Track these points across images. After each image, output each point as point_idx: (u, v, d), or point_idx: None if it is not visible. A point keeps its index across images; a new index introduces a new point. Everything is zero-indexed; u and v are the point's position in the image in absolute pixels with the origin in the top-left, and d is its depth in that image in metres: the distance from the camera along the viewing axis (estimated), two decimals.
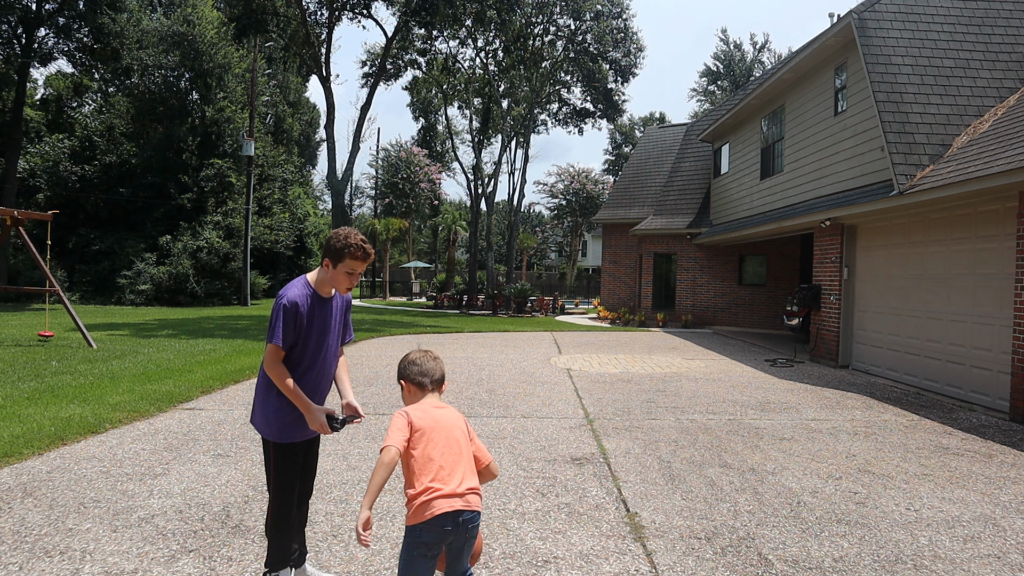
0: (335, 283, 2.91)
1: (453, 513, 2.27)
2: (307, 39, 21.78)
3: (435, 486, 2.28)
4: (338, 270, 2.86)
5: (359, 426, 6.22)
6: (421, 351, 2.66)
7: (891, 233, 10.07)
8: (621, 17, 28.94)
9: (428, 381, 2.56)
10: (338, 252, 2.82)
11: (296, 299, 2.82)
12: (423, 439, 2.36)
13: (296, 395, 2.81)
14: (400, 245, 52.88)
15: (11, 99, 27.08)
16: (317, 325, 2.90)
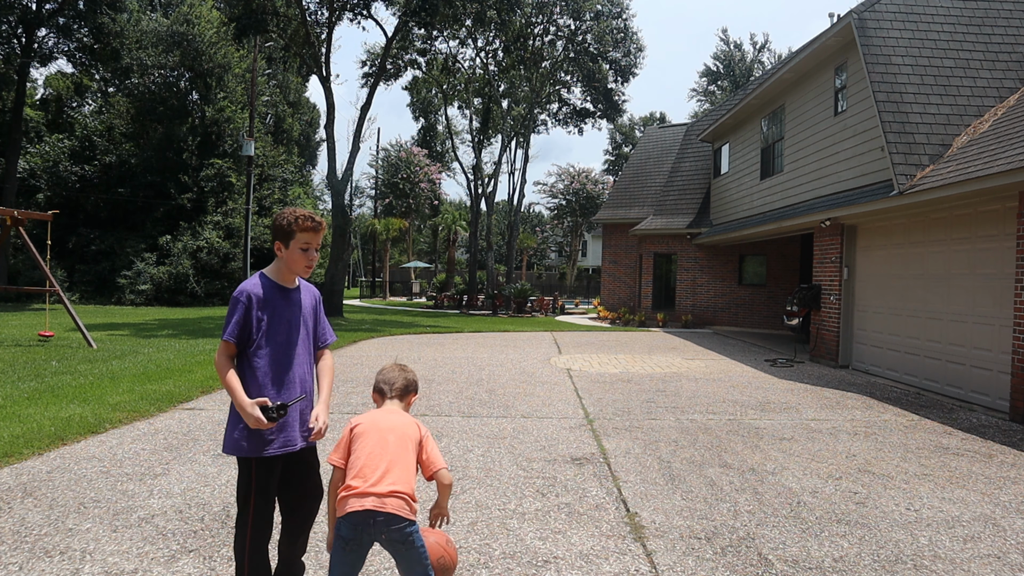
0: (292, 264, 2.76)
1: (363, 512, 2.32)
2: (307, 39, 21.77)
3: (352, 484, 2.37)
4: (292, 249, 2.73)
5: None
6: (394, 364, 2.81)
7: (891, 233, 10.07)
8: (621, 17, 28.94)
9: (388, 389, 2.71)
10: (287, 230, 2.71)
11: (251, 290, 2.67)
12: (357, 441, 2.48)
13: (232, 389, 2.58)
14: (400, 245, 52.91)
15: (11, 99, 27.08)
16: (282, 319, 2.73)
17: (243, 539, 2.66)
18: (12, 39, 26.49)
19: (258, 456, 2.62)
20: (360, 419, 2.56)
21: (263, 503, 2.66)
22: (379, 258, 44.33)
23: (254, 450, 2.62)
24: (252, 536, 2.66)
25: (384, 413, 2.61)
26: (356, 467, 2.42)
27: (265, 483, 2.65)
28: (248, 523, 2.65)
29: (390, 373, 2.74)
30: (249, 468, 2.64)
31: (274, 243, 2.77)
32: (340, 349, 12.57)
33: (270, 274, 2.80)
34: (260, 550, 2.69)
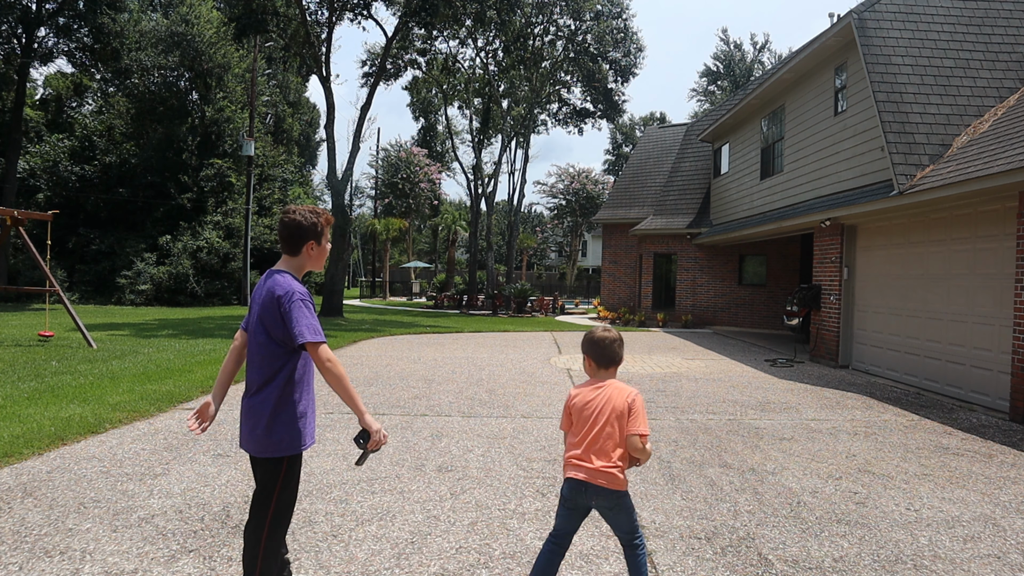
0: (320, 259, 2.82)
1: (575, 480, 2.69)
2: (307, 39, 21.77)
3: (570, 454, 2.74)
4: (323, 245, 2.80)
5: (359, 426, 6.22)
6: (605, 329, 2.85)
7: (891, 233, 10.07)
8: (621, 17, 28.95)
9: (602, 360, 2.81)
10: (318, 227, 2.75)
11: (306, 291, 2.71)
12: (573, 415, 2.78)
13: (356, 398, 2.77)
14: (400, 245, 52.90)
15: (11, 99, 27.07)
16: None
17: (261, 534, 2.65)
18: (12, 39, 26.49)
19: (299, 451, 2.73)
20: (573, 393, 2.81)
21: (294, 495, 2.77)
22: (379, 258, 44.32)
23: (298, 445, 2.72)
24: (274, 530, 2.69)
25: (596, 390, 2.76)
26: (571, 441, 2.77)
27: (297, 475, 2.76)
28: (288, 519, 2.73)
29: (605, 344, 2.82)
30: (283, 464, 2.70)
31: (304, 243, 2.75)
32: (340, 349, 12.57)
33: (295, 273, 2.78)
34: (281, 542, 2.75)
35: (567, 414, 2.81)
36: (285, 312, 2.60)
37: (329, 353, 2.62)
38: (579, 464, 2.68)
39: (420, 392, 8.09)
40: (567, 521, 2.75)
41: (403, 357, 11.50)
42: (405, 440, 5.75)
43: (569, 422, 2.79)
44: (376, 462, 5.06)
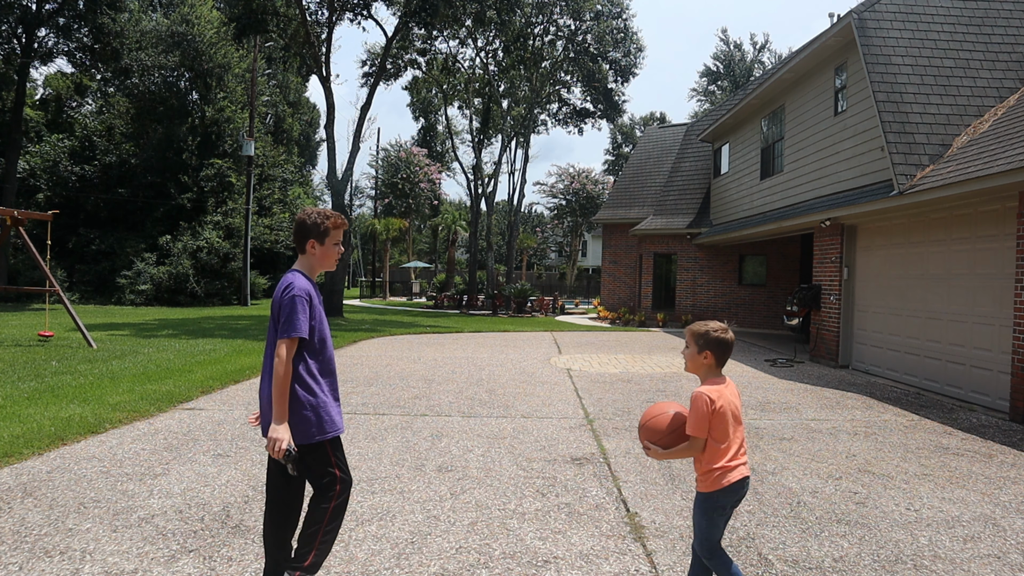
0: (326, 260, 2.87)
1: (747, 478, 2.66)
2: (307, 39, 21.76)
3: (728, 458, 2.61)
4: (326, 245, 2.86)
5: (359, 426, 6.22)
6: (720, 324, 2.73)
7: (891, 233, 10.07)
8: (621, 17, 28.95)
9: (725, 358, 2.71)
10: (321, 228, 2.82)
11: (308, 288, 2.74)
12: (716, 420, 2.60)
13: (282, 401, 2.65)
14: (400, 245, 52.92)
15: (11, 99, 27.07)
16: (321, 316, 2.84)
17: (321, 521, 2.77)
18: (12, 39, 26.49)
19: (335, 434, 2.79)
20: (714, 395, 2.60)
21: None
22: (379, 258, 44.33)
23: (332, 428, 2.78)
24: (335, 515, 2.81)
25: (726, 387, 2.67)
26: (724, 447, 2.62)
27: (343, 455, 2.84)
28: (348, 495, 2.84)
29: (729, 337, 2.71)
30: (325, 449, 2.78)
31: (306, 242, 2.84)
32: (340, 349, 12.57)
33: (308, 273, 2.86)
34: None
35: (708, 419, 2.59)
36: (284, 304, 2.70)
37: (283, 351, 2.64)
38: (744, 463, 2.64)
39: (420, 392, 8.09)
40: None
41: (403, 357, 11.50)
42: (405, 440, 5.75)
43: (708, 427, 2.60)
44: (376, 462, 5.06)
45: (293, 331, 2.64)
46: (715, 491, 2.61)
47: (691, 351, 2.71)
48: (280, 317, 2.70)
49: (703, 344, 2.67)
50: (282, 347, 2.64)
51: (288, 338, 2.65)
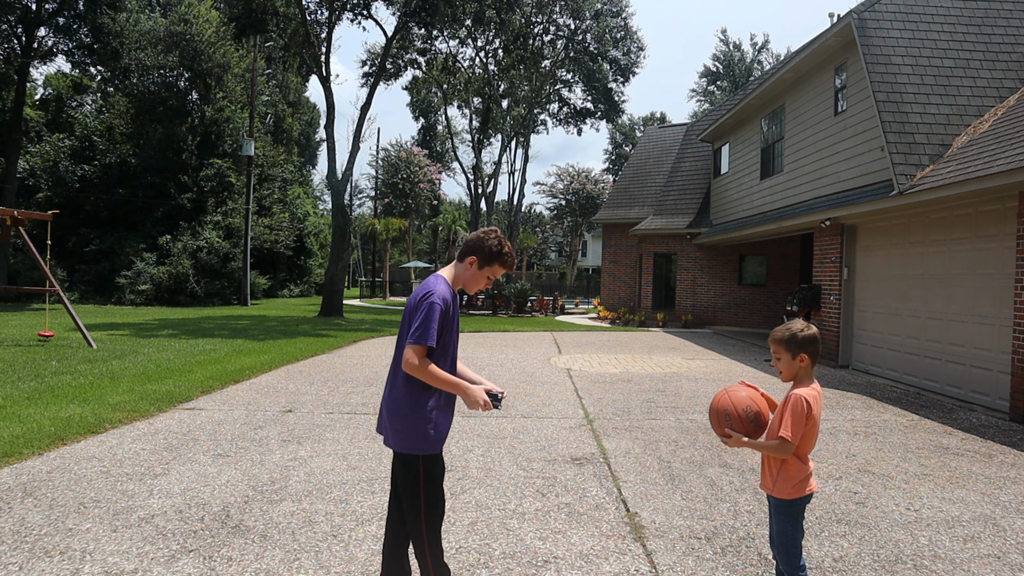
0: (472, 283, 2.83)
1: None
2: (307, 39, 21.76)
3: (809, 467, 2.59)
4: (483, 272, 2.81)
5: (360, 426, 6.23)
6: (799, 322, 2.63)
7: (891, 233, 10.07)
8: (621, 16, 28.95)
9: (818, 352, 2.61)
10: (492, 255, 2.79)
11: (447, 296, 2.68)
12: (812, 424, 2.52)
13: (454, 382, 2.65)
14: (400, 245, 52.91)
15: (11, 99, 27.06)
16: (454, 323, 2.80)
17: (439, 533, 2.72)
18: (12, 38, 26.49)
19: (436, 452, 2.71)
20: (811, 400, 2.51)
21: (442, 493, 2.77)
22: (379, 258, 44.32)
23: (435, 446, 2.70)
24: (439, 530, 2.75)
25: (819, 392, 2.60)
26: (809, 451, 2.58)
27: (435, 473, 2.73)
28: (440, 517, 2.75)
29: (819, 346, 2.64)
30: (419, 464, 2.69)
31: (468, 255, 2.81)
32: (340, 349, 12.57)
33: (451, 281, 2.81)
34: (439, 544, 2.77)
35: (804, 423, 2.48)
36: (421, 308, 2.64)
37: (419, 354, 2.59)
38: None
39: None
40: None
41: None
42: None
43: (802, 432, 2.48)
44: (376, 462, 5.06)
45: (421, 339, 2.58)
46: (801, 497, 2.56)
47: (785, 359, 2.59)
48: (413, 322, 2.63)
49: (796, 347, 2.56)
50: (410, 351, 2.58)
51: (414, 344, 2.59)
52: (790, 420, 2.46)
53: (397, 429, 2.68)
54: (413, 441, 2.66)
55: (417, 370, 2.59)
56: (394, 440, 2.69)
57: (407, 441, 2.66)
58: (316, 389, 8.16)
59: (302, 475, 4.70)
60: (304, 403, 7.28)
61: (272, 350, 11.62)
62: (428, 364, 2.60)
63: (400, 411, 2.67)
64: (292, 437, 5.77)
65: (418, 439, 2.65)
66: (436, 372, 2.62)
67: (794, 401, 2.48)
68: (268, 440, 5.65)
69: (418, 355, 2.58)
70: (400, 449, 2.68)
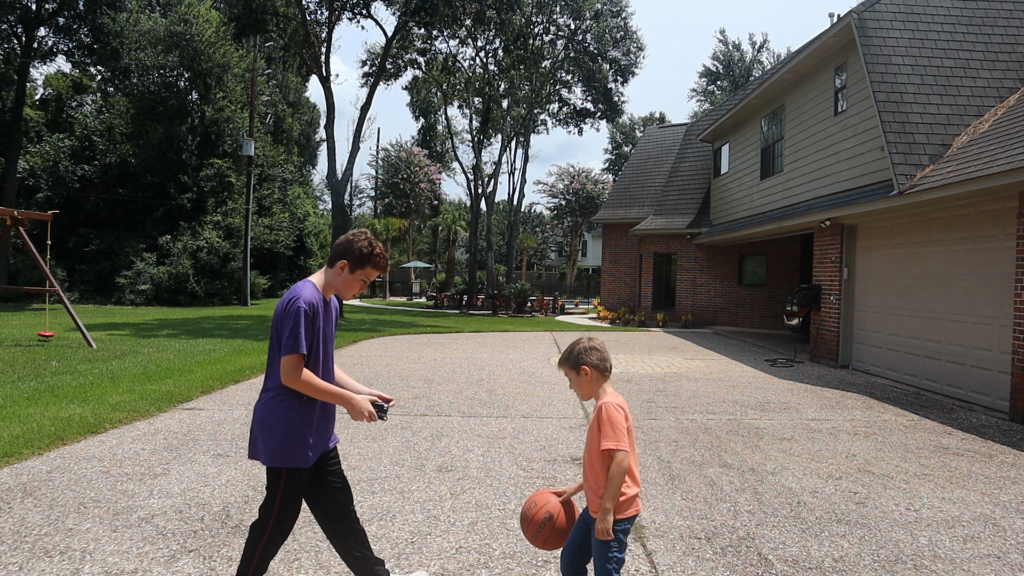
0: (345, 288, 2.75)
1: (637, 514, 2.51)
2: (307, 39, 21.75)
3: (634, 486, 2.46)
4: (355, 275, 2.73)
5: (359, 426, 6.22)
6: (589, 338, 2.60)
7: (891, 233, 10.07)
8: (621, 16, 28.93)
9: (608, 368, 2.54)
10: (362, 258, 2.70)
11: (313, 301, 2.61)
12: (630, 434, 2.42)
13: (335, 392, 2.60)
14: (400, 245, 52.88)
15: (11, 99, 27.06)
16: (324, 331, 2.71)
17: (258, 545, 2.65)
18: (12, 39, 26.48)
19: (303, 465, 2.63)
20: (625, 408, 2.44)
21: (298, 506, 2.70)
22: None
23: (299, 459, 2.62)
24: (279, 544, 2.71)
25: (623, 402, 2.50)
26: (634, 469, 2.45)
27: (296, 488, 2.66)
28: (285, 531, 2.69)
29: (605, 351, 2.56)
30: (281, 477, 2.62)
31: (338, 260, 2.72)
32: (340, 349, 12.57)
33: (320, 286, 2.74)
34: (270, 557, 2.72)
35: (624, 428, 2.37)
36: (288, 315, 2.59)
37: (293, 364, 2.53)
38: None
39: (420, 392, 8.09)
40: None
41: (403, 357, 11.50)
42: (405, 440, 5.75)
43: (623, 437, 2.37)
44: (376, 462, 5.06)
45: (297, 348, 2.52)
46: (623, 518, 2.43)
47: (572, 377, 2.55)
48: (283, 331, 2.55)
49: (574, 361, 2.52)
50: (287, 364, 2.52)
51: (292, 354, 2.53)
52: (609, 429, 2.36)
53: (268, 442, 2.59)
54: (282, 454, 2.58)
55: (295, 382, 2.53)
56: (265, 453, 2.59)
57: (279, 454, 2.58)
58: None
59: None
60: None
61: None
62: (305, 374, 2.54)
63: (271, 422, 2.59)
64: None
65: (289, 453, 2.58)
66: (315, 382, 2.55)
67: (604, 410, 2.38)
68: None
69: (294, 365, 2.52)
70: (269, 463, 2.59)
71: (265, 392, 2.66)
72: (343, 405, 2.63)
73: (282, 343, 2.54)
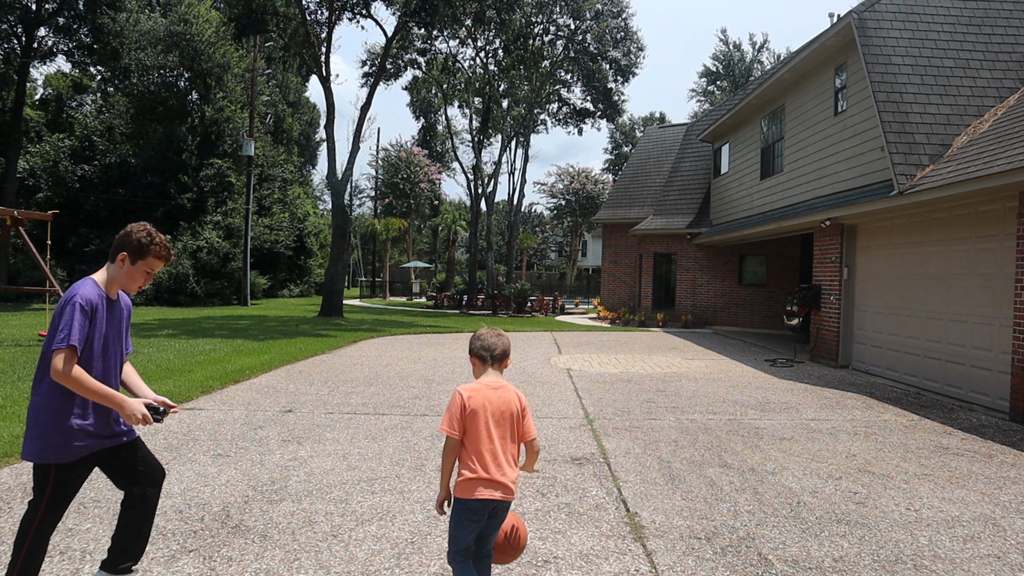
0: (129, 281, 2.74)
1: (492, 501, 2.61)
2: (307, 39, 21.76)
3: (478, 470, 2.57)
4: (136, 267, 2.72)
5: (360, 426, 6.23)
6: (489, 328, 2.83)
7: (891, 233, 10.07)
8: (621, 16, 28.94)
9: (488, 356, 2.74)
10: (142, 248, 2.70)
11: (91, 298, 2.59)
12: (472, 419, 2.58)
13: (106, 393, 2.56)
14: (400, 245, 52.92)
15: (11, 99, 27.07)
16: (109, 329, 2.70)
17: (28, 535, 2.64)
18: (12, 39, 26.48)
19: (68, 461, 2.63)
20: (471, 393, 2.60)
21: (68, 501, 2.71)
22: (379, 258, 44.32)
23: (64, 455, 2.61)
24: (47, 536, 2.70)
25: (491, 390, 2.65)
26: (477, 451, 2.58)
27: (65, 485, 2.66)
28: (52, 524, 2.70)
29: (490, 339, 2.77)
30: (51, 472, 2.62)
31: (119, 252, 2.72)
32: (340, 349, 12.58)
33: (102, 283, 2.73)
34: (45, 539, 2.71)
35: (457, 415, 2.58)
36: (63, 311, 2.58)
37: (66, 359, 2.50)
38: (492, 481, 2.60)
39: (420, 392, 8.09)
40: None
41: (403, 357, 11.50)
42: (405, 440, 5.75)
43: (461, 427, 2.57)
44: (376, 462, 5.06)
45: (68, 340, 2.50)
46: (460, 499, 2.58)
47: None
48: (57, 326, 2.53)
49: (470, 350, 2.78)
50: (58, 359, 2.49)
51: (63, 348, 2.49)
52: (445, 413, 2.60)
53: (32, 436, 2.57)
54: (47, 450, 2.57)
55: (63, 376, 2.49)
56: (29, 448, 2.58)
57: (42, 451, 2.57)
58: (316, 389, 8.16)
59: (302, 475, 4.70)
60: (304, 403, 7.28)
61: (272, 350, 11.61)
62: (75, 370, 2.51)
63: (39, 417, 2.58)
64: (292, 437, 5.77)
65: (53, 448, 2.57)
66: (85, 380, 2.52)
67: (452, 394, 2.63)
68: (268, 440, 5.65)
69: (63, 359, 2.48)
70: (33, 459, 2.58)
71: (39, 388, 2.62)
72: (114, 407, 2.60)
73: (55, 337, 2.51)
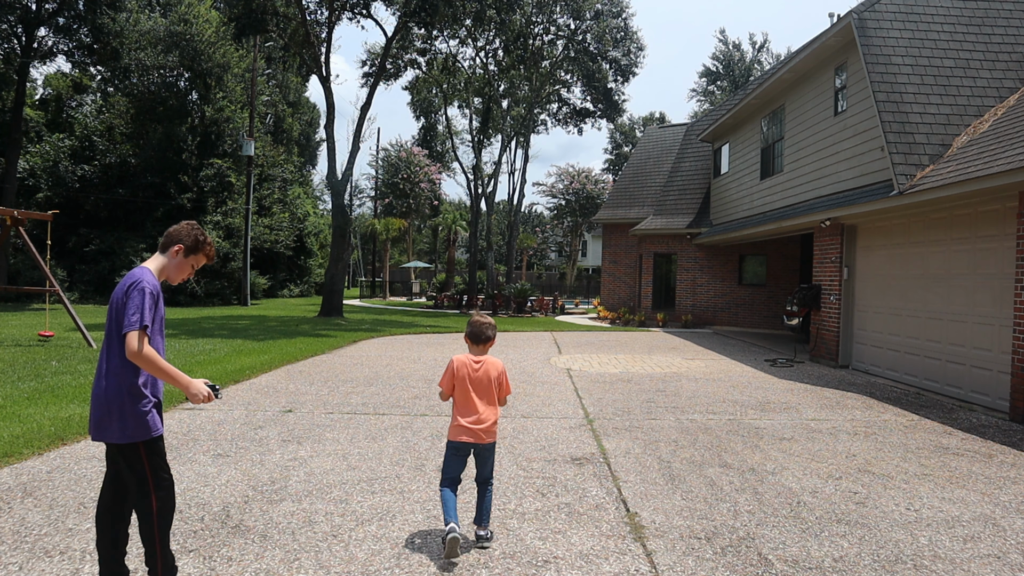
0: (177, 272, 2.97)
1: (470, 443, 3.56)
2: (307, 39, 21.76)
3: (459, 420, 3.56)
4: (187, 260, 2.97)
5: (359, 426, 6.23)
6: (480, 316, 3.74)
7: (891, 233, 10.07)
8: (621, 16, 28.95)
9: (474, 339, 3.70)
10: (197, 244, 2.98)
11: (156, 284, 2.78)
12: (461, 384, 3.60)
13: (174, 372, 2.72)
14: (400, 245, 52.93)
15: (11, 99, 27.05)
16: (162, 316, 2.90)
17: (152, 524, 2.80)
18: (12, 39, 26.47)
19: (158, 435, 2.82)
20: (459, 365, 3.60)
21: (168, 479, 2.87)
22: (379, 258, 44.31)
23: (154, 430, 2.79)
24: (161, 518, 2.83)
25: (474, 362, 3.63)
26: (459, 405, 3.60)
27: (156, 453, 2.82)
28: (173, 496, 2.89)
29: (476, 327, 3.69)
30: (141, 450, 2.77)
31: (174, 244, 2.95)
32: (340, 349, 12.58)
33: (157, 273, 2.92)
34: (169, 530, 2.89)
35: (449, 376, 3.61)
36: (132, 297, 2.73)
37: (138, 340, 2.63)
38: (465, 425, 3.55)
39: (420, 392, 8.09)
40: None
41: (403, 357, 11.50)
42: (405, 440, 5.75)
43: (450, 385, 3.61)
44: (376, 462, 5.07)
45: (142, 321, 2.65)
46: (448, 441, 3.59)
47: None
48: (128, 310, 2.67)
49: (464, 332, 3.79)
50: (132, 339, 2.63)
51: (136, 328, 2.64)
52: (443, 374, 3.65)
53: (117, 422, 2.70)
54: (134, 430, 2.71)
55: (137, 355, 2.63)
56: (119, 432, 2.71)
57: (133, 431, 2.71)
58: (316, 389, 8.16)
59: (302, 475, 4.70)
60: (304, 403, 7.28)
61: (272, 350, 11.61)
62: (147, 349, 2.65)
63: (115, 403, 2.70)
64: (292, 437, 5.77)
65: (139, 427, 2.72)
66: (156, 359, 2.67)
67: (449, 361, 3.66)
68: (268, 440, 5.65)
69: (137, 339, 2.62)
70: (121, 440, 2.72)
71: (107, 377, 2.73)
72: (181, 387, 2.75)
73: (127, 319, 2.64)
